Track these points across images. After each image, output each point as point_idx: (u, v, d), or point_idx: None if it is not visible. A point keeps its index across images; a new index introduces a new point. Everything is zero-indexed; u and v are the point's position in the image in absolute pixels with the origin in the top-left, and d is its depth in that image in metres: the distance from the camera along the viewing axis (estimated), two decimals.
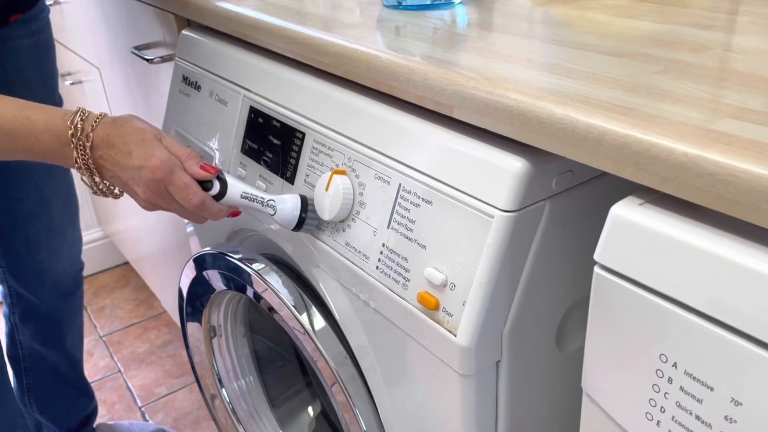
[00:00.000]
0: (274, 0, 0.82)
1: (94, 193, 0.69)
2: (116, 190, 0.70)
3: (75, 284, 1.26)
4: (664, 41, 0.57)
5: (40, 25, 1.03)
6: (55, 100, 1.11)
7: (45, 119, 0.65)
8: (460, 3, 0.76)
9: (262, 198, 0.68)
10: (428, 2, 0.73)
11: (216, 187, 0.66)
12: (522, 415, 0.62)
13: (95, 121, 0.65)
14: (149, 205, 0.67)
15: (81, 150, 0.65)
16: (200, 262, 0.90)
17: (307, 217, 0.67)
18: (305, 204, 0.67)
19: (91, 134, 0.64)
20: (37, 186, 1.11)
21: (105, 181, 0.68)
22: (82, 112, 0.65)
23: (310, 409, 1.13)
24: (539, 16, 0.70)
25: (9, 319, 1.24)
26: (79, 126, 0.64)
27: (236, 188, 0.67)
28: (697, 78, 0.48)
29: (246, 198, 0.67)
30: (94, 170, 0.66)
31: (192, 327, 1.03)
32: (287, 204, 0.67)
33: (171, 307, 1.67)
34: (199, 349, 1.05)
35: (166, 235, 1.44)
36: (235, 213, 0.71)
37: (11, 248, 1.15)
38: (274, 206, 0.67)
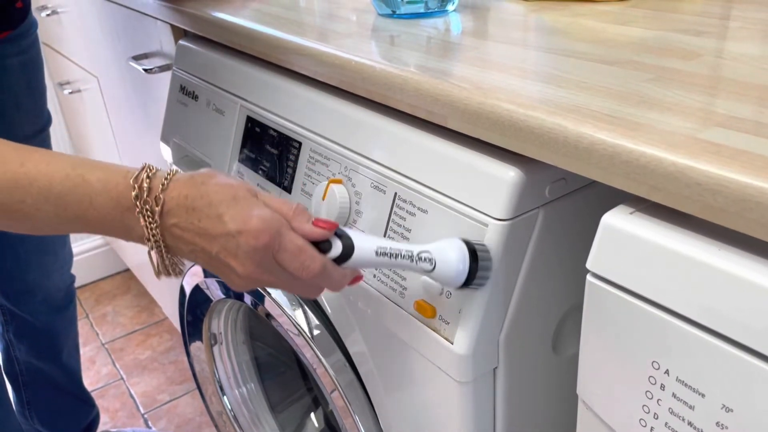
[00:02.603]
0: (270, 10, 0.82)
1: (158, 273, 0.54)
2: (180, 266, 0.55)
3: (67, 298, 1.26)
4: (655, 48, 0.57)
5: (29, 42, 1.02)
6: (44, 117, 1.10)
7: (102, 178, 0.50)
8: (454, 11, 0.76)
9: (409, 252, 0.51)
10: (422, 11, 0.74)
11: (338, 247, 0.51)
12: (520, 420, 0.62)
13: (165, 179, 0.51)
14: (248, 282, 0.52)
15: (149, 217, 0.50)
16: (199, 271, 0.91)
17: (480, 267, 0.51)
18: (473, 251, 0.51)
19: (161, 195, 0.50)
20: None
21: (174, 258, 0.53)
22: (148, 168, 0.51)
23: (312, 415, 1.13)
24: (532, 23, 0.70)
25: (3, 336, 1.24)
26: (145, 186, 0.50)
27: (367, 244, 0.51)
28: (686, 86, 0.48)
29: (385, 255, 0.51)
30: (164, 245, 0.52)
31: (193, 335, 1.03)
32: (449, 254, 0.51)
33: (172, 313, 1.68)
34: (200, 357, 1.05)
35: None
36: (357, 278, 0.56)
37: (2, 269, 1.15)
38: (431, 259, 0.51)
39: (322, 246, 0.51)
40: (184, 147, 0.95)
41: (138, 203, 0.50)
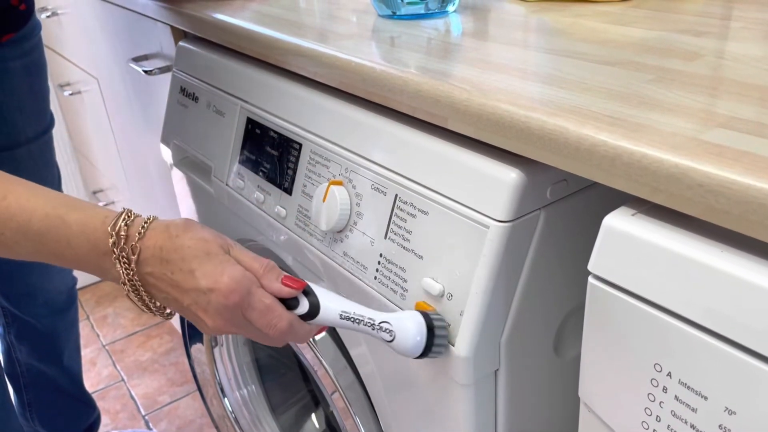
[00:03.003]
0: (270, 11, 0.82)
1: (144, 310, 0.56)
2: (167, 310, 0.56)
3: (69, 300, 1.26)
4: (657, 49, 0.57)
5: (32, 44, 1.02)
6: (47, 120, 1.10)
7: (81, 221, 0.52)
8: (455, 12, 0.76)
9: (371, 320, 0.54)
10: (422, 12, 0.74)
11: (304, 306, 0.54)
12: (521, 423, 0.62)
13: (142, 227, 0.52)
14: (217, 332, 0.54)
15: (125, 263, 0.52)
16: None
17: (435, 341, 0.54)
18: (430, 323, 0.54)
19: (137, 245, 0.52)
20: None
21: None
22: (127, 215, 0.52)
23: (313, 416, 1.13)
24: (533, 23, 0.70)
25: (5, 338, 1.24)
26: (122, 234, 0.51)
27: (332, 307, 0.54)
28: (688, 87, 0.48)
29: (348, 319, 0.54)
30: (141, 289, 0.53)
31: (193, 337, 1.03)
32: (407, 324, 0.53)
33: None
34: (200, 359, 1.05)
35: None
36: (321, 329, 0.59)
37: (3, 271, 1.15)
38: (390, 330, 0.54)
39: (289, 303, 0.54)
40: (184, 148, 0.95)
41: (115, 250, 0.51)
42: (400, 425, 0.69)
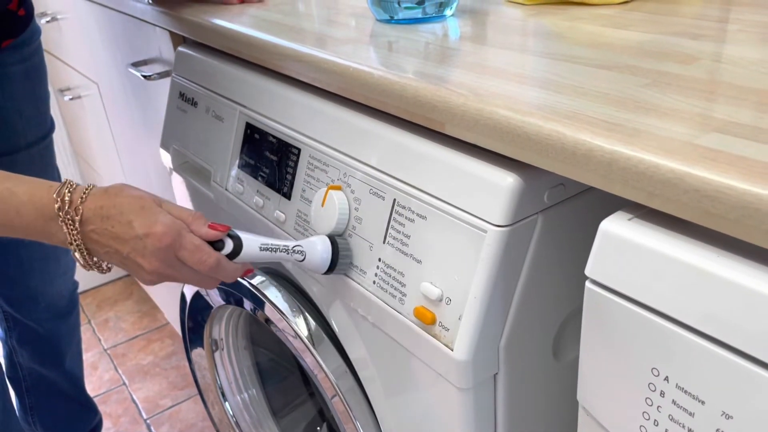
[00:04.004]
0: (269, 16, 0.82)
1: (85, 267, 0.63)
2: (105, 265, 0.63)
3: (70, 304, 1.26)
4: (653, 52, 0.57)
5: (32, 49, 1.02)
6: (47, 124, 1.10)
7: (28, 191, 0.59)
8: (452, 16, 0.76)
9: (285, 246, 0.62)
10: (420, 16, 0.74)
11: (229, 245, 0.61)
12: (520, 427, 0.62)
13: (84, 193, 0.59)
14: (155, 278, 0.61)
15: (70, 225, 0.58)
16: None
17: (339, 259, 0.63)
18: (335, 244, 0.64)
19: (80, 207, 0.58)
20: None
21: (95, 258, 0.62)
22: (69, 184, 0.59)
23: (314, 420, 1.13)
24: (531, 27, 0.70)
25: (6, 342, 1.24)
26: (66, 198, 0.58)
27: (253, 242, 0.62)
28: (684, 91, 0.48)
29: (267, 249, 0.62)
30: (84, 249, 0.60)
31: (194, 342, 1.03)
32: (316, 247, 0.63)
33: (173, 318, 1.68)
34: (201, 364, 1.05)
35: None
36: (248, 270, 0.66)
37: (5, 274, 1.15)
38: (302, 251, 0.62)
39: (216, 245, 0.61)
40: (183, 153, 0.95)
41: (60, 214, 0.58)
42: (400, 429, 0.69)
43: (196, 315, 0.99)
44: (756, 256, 0.37)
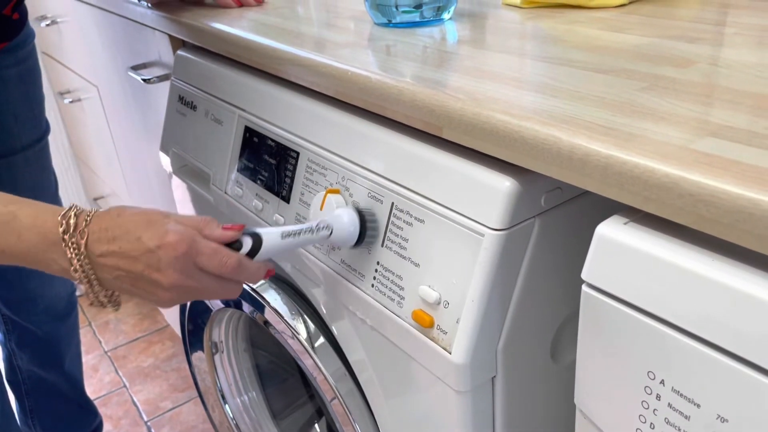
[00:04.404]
0: (267, 20, 0.83)
1: (92, 303, 0.59)
2: (113, 297, 0.59)
3: (69, 306, 1.26)
4: (650, 56, 0.58)
5: (26, 52, 1.03)
6: (43, 126, 1.11)
7: (32, 214, 0.55)
8: (450, 19, 0.77)
9: (309, 227, 0.59)
10: (418, 19, 0.74)
11: (248, 243, 0.57)
12: (519, 429, 0.62)
13: (88, 216, 0.56)
14: (174, 294, 0.56)
15: (75, 249, 0.55)
16: None
17: (367, 230, 0.61)
18: (362, 216, 0.61)
19: (86, 230, 0.55)
20: None
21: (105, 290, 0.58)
22: (75, 207, 0.56)
23: (314, 421, 1.14)
24: (528, 31, 0.71)
25: (5, 345, 1.24)
26: (72, 222, 0.55)
27: (273, 233, 0.58)
28: (680, 95, 0.48)
29: (290, 235, 0.58)
30: (92, 275, 0.56)
31: (194, 345, 1.03)
32: (342, 219, 0.61)
33: (174, 320, 1.68)
34: (201, 368, 1.05)
35: None
36: (270, 272, 0.62)
37: (3, 277, 1.15)
38: (328, 226, 0.59)
39: (234, 246, 0.57)
40: (183, 156, 0.95)
41: (65, 237, 0.54)
42: (400, 431, 0.69)
43: (195, 318, 0.99)
44: (750, 259, 0.37)
